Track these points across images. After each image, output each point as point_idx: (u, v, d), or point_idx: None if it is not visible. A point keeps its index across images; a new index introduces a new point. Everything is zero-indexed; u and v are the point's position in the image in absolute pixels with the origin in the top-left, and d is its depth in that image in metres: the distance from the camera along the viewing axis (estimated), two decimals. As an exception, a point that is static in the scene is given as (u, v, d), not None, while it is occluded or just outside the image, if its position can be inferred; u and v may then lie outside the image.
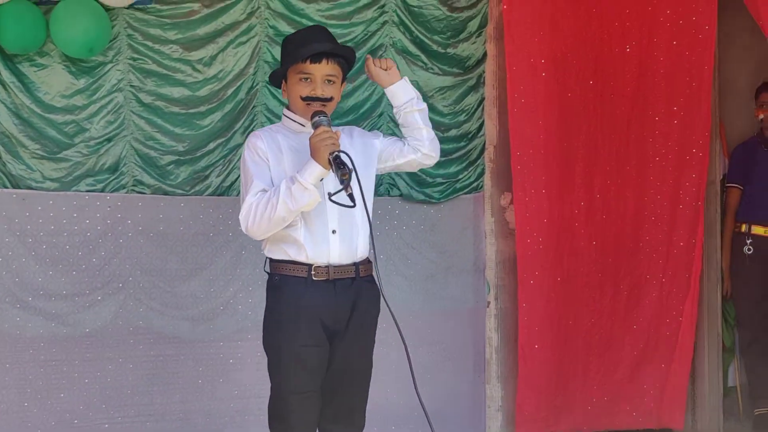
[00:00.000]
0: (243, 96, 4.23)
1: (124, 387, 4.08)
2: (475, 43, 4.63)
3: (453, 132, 4.60)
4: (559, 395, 4.65)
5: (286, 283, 3.09)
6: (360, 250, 3.16)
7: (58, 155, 3.98)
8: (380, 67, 3.35)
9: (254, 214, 2.98)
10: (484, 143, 4.69)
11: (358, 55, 4.28)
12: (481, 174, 4.69)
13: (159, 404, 4.13)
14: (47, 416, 3.97)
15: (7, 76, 3.88)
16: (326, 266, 3.08)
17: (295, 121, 3.20)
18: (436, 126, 4.47)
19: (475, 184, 4.68)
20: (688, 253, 4.73)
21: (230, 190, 4.22)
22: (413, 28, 4.47)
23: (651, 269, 4.78)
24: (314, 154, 2.94)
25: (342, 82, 3.26)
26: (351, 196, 2.90)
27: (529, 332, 4.58)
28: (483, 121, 4.68)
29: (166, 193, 4.14)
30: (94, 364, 4.03)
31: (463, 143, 4.64)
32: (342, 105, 4.34)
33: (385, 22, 4.43)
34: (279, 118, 4.20)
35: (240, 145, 4.22)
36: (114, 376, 4.06)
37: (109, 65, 4.03)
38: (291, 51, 3.17)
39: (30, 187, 3.95)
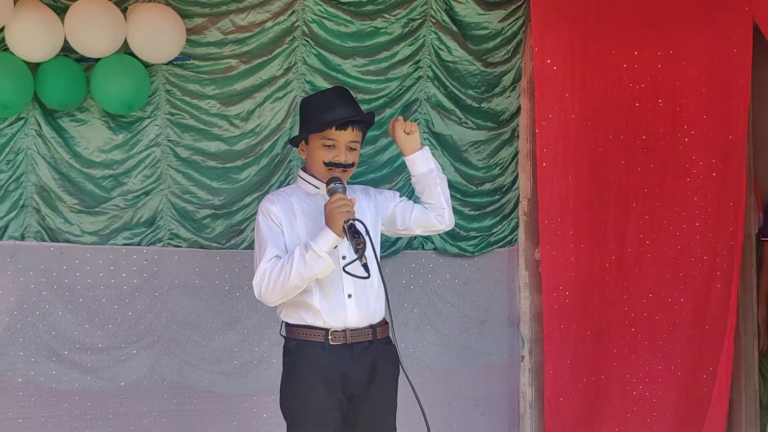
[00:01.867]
0: (279, 150, 4.26)
1: (159, 442, 4.07)
2: (509, 97, 4.65)
3: (487, 186, 4.61)
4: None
5: (304, 347, 3.08)
6: (376, 312, 3.15)
7: (96, 209, 4.00)
8: (404, 131, 3.35)
9: (267, 281, 2.97)
10: (518, 197, 4.70)
11: (392, 109, 4.35)
12: (516, 227, 4.69)
13: (193, 459, 4.12)
14: (81, 471, 3.97)
15: (48, 131, 3.93)
16: (343, 330, 3.07)
17: (310, 183, 3.20)
18: (470, 180, 4.52)
19: (509, 238, 4.68)
20: (723, 308, 4.68)
21: (265, 243, 4.23)
22: (448, 83, 4.50)
23: (687, 324, 4.73)
24: (329, 222, 2.93)
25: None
26: (365, 266, 2.88)
27: (555, 385, 4.55)
28: (517, 175, 4.69)
29: (202, 247, 4.16)
30: (128, 418, 4.02)
31: (497, 197, 4.64)
32: (378, 159, 4.37)
33: (420, 77, 4.46)
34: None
35: (276, 199, 4.25)
36: (148, 431, 4.04)
37: (147, 120, 4.07)
38: (314, 116, 3.16)
39: (68, 241, 3.98)
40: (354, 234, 2.86)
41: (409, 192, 4.34)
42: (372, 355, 3.09)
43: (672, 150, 4.72)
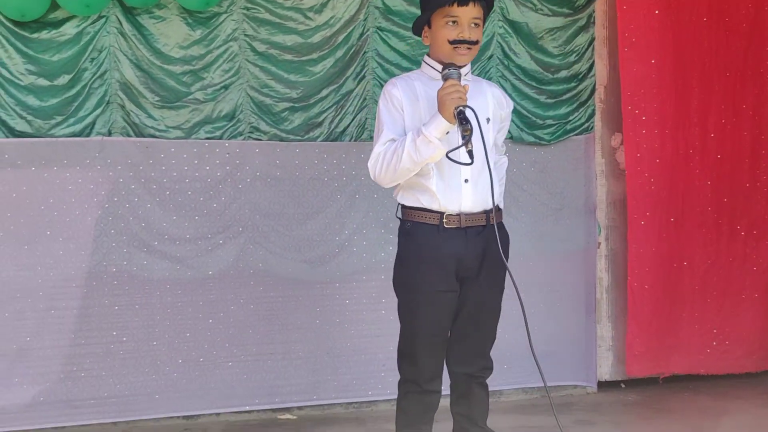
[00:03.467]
0: (354, 42, 4.28)
1: (246, 327, 4.24)
2: (585, -19, 4.57)
3: (563, 73, 4.57)
4: (671, 336, 4.64)
5: (418, 229, 3.10)
6: (490, 198, 3.11)
7: (177, 103, 4.11)
8: None
9: (381, 163, 3.01)
10: (595, 84, 4.65)
11: None
12: (592, 115, 4.66)
13: (279, 343, 4.28)
14: (175, 355, 4.16)
15: (129, 29, 4.01)
16: (458, 214, 3.07)
17: (434, 68, 3.14)
18: (546, 67, 4.51)
19: (585, 125, 4.65)
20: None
21: (343, 135, 4.31)
22: (523, -31, 4.44)
23: (765, 208, 4.70)
24: (440, 108, 2.92)
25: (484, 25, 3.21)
26: (470, 153, 2.88)
27: (640, 272, 4.58)
28: (593, 62, 4.63)
29: (281, 140, 4.24)
30: (217, 305, 4.20)
31: (573, 84, 4.60)
32: (451, 48, 4.35)
33: (494, -36, 4.40)
34: (390, 63, 4.29)
35: (352, 91, 4.29)
36: (236, 317, 4.22)
37: (224, 15, 4.12)
38: None
39: (152, 136, 4.10)
40: (462, 120, 2.86)
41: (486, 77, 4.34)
42: (484, 240, 3.11)
43: (753, 32, 4.62)
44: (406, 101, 3.07)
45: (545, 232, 4.61)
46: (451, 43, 3.06)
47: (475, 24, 3.09)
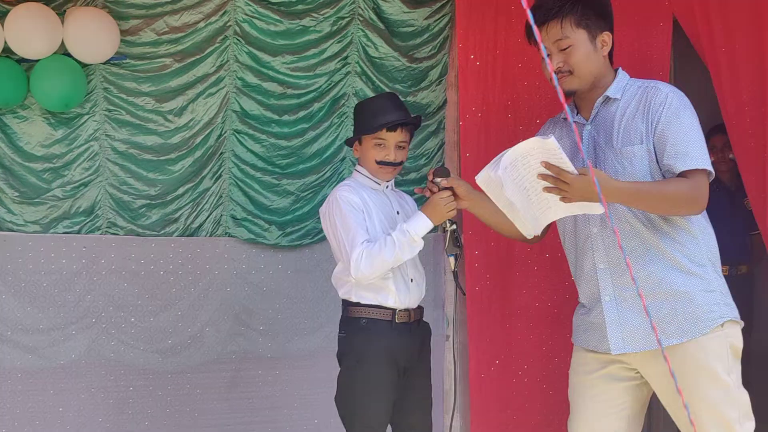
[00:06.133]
0: (212, 143, 4.52)
1: (97, 416, 4.36)
2: (435, 90, 4.87)
3: (413, 175, 4.84)
4: (512, 428, 4.86)
5: (375, 325, 3.48)
6: (422, 295, 3.62)
7: (36, 200, 4.28)
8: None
9: (366, 262, 3.34)
10: (444, 185, 4.92)
11: (320, 103, 4.60)
12: (442, 214, 4.92)
13: (129, 431, 4.41)
14: (24, 443, 4.27)
15: (-9, 128, 4.21)
16: (406, 310, 3.51)
17: (373, 180, 3.60)
18: (396, 170, 4.75)
19: (434, 225, 4.91)
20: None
21: (198, 231, 4.52)
22: (375, 78, 4.73)
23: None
24: (431, 212, 3.36)
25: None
26: (456, 274, 3.39)
27: (478, 362, 4.79)
28: (443, 165, 4.92)
29: (137, 235, 4.44)
30: (68, 394, 4.32)
31: (423, 186, 4.85)
32: (306, 150, 4.62)
33: (348, 73, 4.69)
34: (246, 163, 4.52)
35: (209, 189, 4.51)
36: (87, 406, 4.34)
37: (86, 116, 4.34)
38: (367, 119, 3.55)
39: (11, 230, 4.26)
40: (456, 242, 3.33)
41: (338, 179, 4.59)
42: (420, 334, 3.58)
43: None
44: (363, 207, 3.45)
45: (393, 326, 4.82)
46: (378, 163, 3.43)
47: (401, 146, 3.49)
